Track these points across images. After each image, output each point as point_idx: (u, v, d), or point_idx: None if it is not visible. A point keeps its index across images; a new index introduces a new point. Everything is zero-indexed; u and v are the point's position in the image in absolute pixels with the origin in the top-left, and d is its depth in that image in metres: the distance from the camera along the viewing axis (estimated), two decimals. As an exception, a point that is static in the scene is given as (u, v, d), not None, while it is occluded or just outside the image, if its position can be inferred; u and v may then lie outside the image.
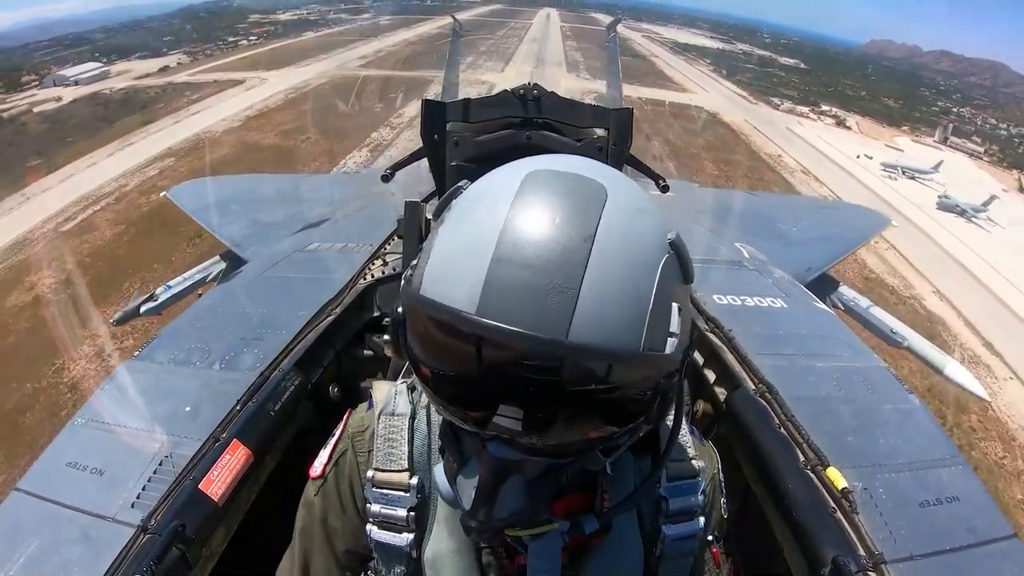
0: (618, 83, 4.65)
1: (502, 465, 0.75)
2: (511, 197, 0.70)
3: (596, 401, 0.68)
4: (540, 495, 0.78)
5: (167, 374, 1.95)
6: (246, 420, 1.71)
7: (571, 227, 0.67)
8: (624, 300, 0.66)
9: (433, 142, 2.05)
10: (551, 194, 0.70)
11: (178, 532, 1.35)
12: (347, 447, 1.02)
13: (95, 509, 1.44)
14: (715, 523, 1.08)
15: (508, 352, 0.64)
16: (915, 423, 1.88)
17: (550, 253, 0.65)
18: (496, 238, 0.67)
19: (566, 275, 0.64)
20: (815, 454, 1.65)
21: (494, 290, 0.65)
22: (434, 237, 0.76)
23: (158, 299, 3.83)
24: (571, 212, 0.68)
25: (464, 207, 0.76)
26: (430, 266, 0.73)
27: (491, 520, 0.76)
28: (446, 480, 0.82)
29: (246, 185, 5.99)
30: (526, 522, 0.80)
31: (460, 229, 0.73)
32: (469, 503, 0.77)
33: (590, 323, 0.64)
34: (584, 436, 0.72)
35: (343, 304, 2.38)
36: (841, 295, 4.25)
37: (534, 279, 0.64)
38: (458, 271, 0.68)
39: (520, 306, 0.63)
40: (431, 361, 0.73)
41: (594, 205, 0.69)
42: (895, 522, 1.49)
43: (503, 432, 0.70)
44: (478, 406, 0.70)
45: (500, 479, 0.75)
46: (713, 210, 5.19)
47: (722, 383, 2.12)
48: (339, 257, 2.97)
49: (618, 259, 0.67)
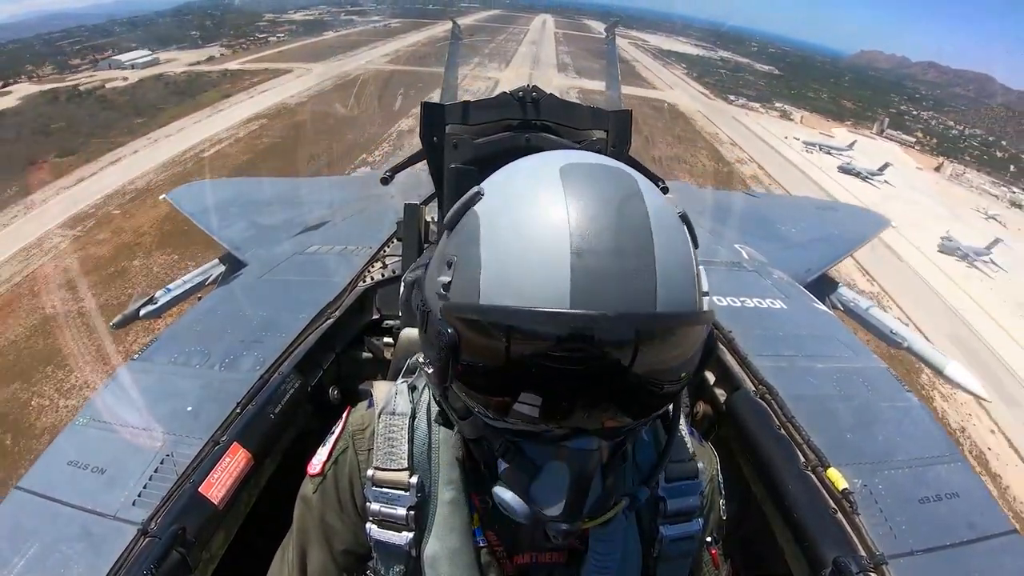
0: (617, 85, 4.65)
1: (590, 458, 0.75)
2: (560, 191, 0.72)
3: (669, 368, 0.74)
4: (613, 479, 0.80)
5: (167, 375, 1.95)
6: (246, 423, 1.71)
7: (630, 212, 0.71)
8: (683, 268, 0.73)
9: (432, 144, 2.05)
10: (598, 184, 0.73)
11: (178, 535, 1.34)
12: (347, 445, 1.01)
13: (96, 507, 1.45)
14: (714, 524, 1.08)
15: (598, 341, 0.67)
16: (914, 421, 1.89)
17: (623, 238, 0.69)
18: (567, 232, 0.68)
19: (642, 257, 0.69)
20: (815, 455, 1.65)
21: (583, 283, 0.66)
22: (474, 244, 0.73)
23: (158, 302, 3.85)
24: (623, 198, 0.72)
25: (504, 209, 0.74)
26: (488, 273, 0.71)
27: (580, 518, 0.76)
28: (515, 496, 0.78)
29: (245, 188, 6.00)
30: (603, 510, 0.80)
31: (515, 232, 0.71)
32: (559, 510, 0.75)
33: (668, 295, 0.69)
34: (661, 390, 0.76)
35: (343, 307, 2.38)
36: (840, 296, 4.27)
37: (617, 266, 0.67)
38: (533, 273, 0.68)
39: (610, 292, 0.66)
40: (501, 371, 0.71)
41: (636, 191, 0.73)
42: (895, 518, 1.50)
43: (582, 423, 0.72)
44: (559, 404, 0.71)
45: (591, 473, 0.75)
46: (712, 211, 5.21)
47: (722, 384, 2.12)
48: (338, 260, 2.98)
49: (668, 234, 0.72)
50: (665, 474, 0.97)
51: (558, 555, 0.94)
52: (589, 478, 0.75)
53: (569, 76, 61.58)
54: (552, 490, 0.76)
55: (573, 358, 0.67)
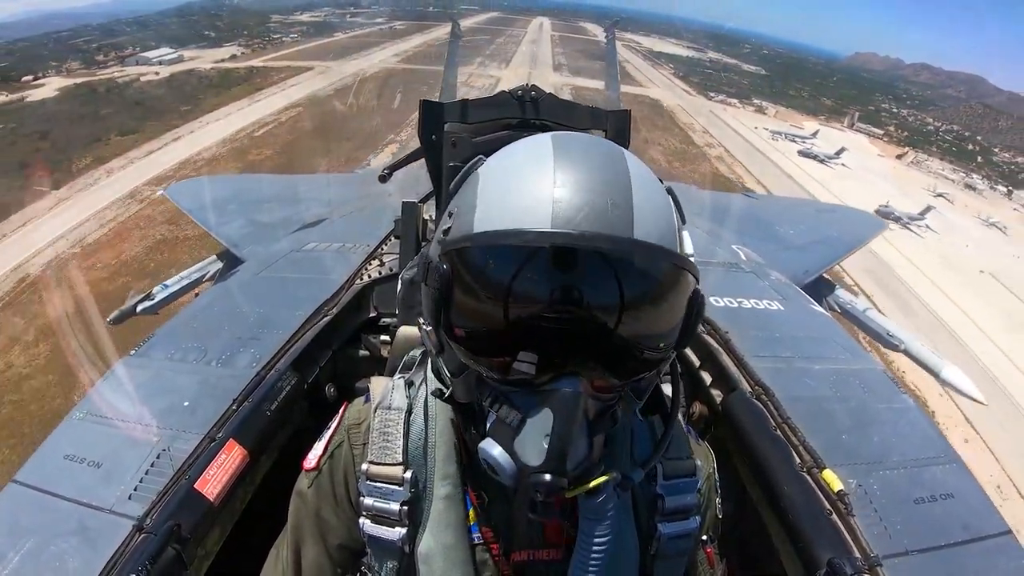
0: (616, 85, 4.65)
1: (575, 401, 0.74)
2: (550, 148, 0.80)
3: (651, 313, 0.77)
4: (598, 440, 0.80)
5: (164, 371, 1.95)
6: (242, 420, 1.71)
7: (611, 164, 0.78)
8: (661, 215, 0.78)
9: (431, 142, 2.05)
10: (584, 145, 0.81)
11: (173, 531, 1.34)
12: (343, 439, 1.02)
13: (92, 501, 1.45)
14: (710, 522, 1.08)
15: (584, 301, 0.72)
16: (909, 422, 1.90)
17: (602, 180, 0.76)
18: (551, 173, 0.75)
19: (620, 194, 0.75)
20: (811, 456, 1.66)
21: (564, 213, 0.72)
22: (472, 194, 0.81)
23: (155, 298, 3.84)
24: (606, 155, 0.80)
25: (500, 165, 0.83)
26: (480, 213, 0.77)
27: (564, 470, 0.74)
28: (502, 450, 0.78)
29: (243, 184, 5.99)
30: (588, 472, 0.79)
31: (508, 178, 0.80)
32: (541, 457, 0.74)
33: (645, 228, 0.74)
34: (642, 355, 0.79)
35: (340, 304, 2.38)
36: (838, 298, 4.28)
37: (595, 198, 0.73)
38: (520, 205, 0.75)
39: (589, 219, 0.72)
40: (492, 301, 0.75)
41: (620, 153, 0.81)
42: (890, 518, 1.51)
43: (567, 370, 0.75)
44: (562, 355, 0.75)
45: (575, 417, 0.74)
46: (710, 212, 5.21)
47: (718, 385, 2.12)
48: (336, 257, 2.97)
49: (648, 188, 0.78)
50: (663, 471, 0.97)
51: (555, 552, 0.94)
52: (571, 423, 0.74)
53: (564, 75, 68.20)
54: (535, 438, 0.76)
55: (563, 319, 0.73)
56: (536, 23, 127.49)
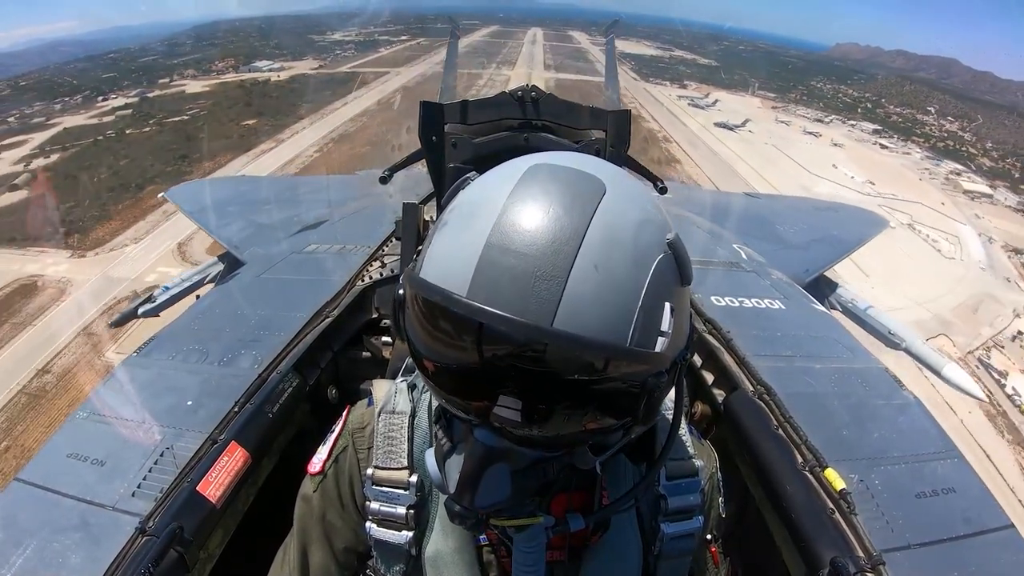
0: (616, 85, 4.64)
1: (487, 452, 0.75)
2: (510, 187, 0.72)
3: (583, 393, 0.69)
4: (525, 486, 0.78)
5: (165, 372, 1.95)
6: (244, 422, 1.71)
7: (564, 218, 0.68)
8: (612, 293, 0.67)
9: (431, 144, 2.05)
10: (548, 186, 0.71)
11: (176, 534, 1.34)
12: (347, 444, 1.01)
13: (96, 498, 1.46)
14: (713, 522, 1.08)
15: (497, 338, 0.65)
16: (911, 418, 1.90)
17: (541, 241, 0.66)
18: (491, 225, 0.68)
19: (555, 264, 0.65)
20: (813, 455, 1.65)
21: (485, 274, 0.66)
22: (439, 225, 0.78)
23: (156, 301, 3.83)
24: (566, 204, 0.69)
25: (467, 197, 0.78)
26: (431, 250, 0.75)
27: (473, 506, 0.76)
28: (435, 463, 0.83)
29: (244, 187, 5.99)
30: (509, 512, 0.80)
31: (460, 217, 0.75)
32: (452, 488, 0.78)
33: (576, 313, 0.64)
34: (575, 429, 0.73)
35: (341, 306, 2.38)
36: (839, 296, 4.27)
37: (523, 265, 0.65)
38: (454, 256, 0.70)
39: (509, 291, 0.65)
40: (427, 344, 0.74)
41: (590, 199, 0.70)
42: (892, 512, 1.51)
43: (504, 423, 0.71)
44: (477, 395, 0.71)
45: (484, 465, 0.75)
46: (711, 211, 5.20)
47: (720, 385, 2.12)
48: (337, 259, 2.97)
49: (609, 253, 0.67)
50: (666, 471, 0.97)
51: (559, 553, 0.94)
52: (480, 469, 0.75)
53: (550, 72, 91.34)
54: (454, 468, 0.79)
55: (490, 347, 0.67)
56: (531, 33, 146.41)
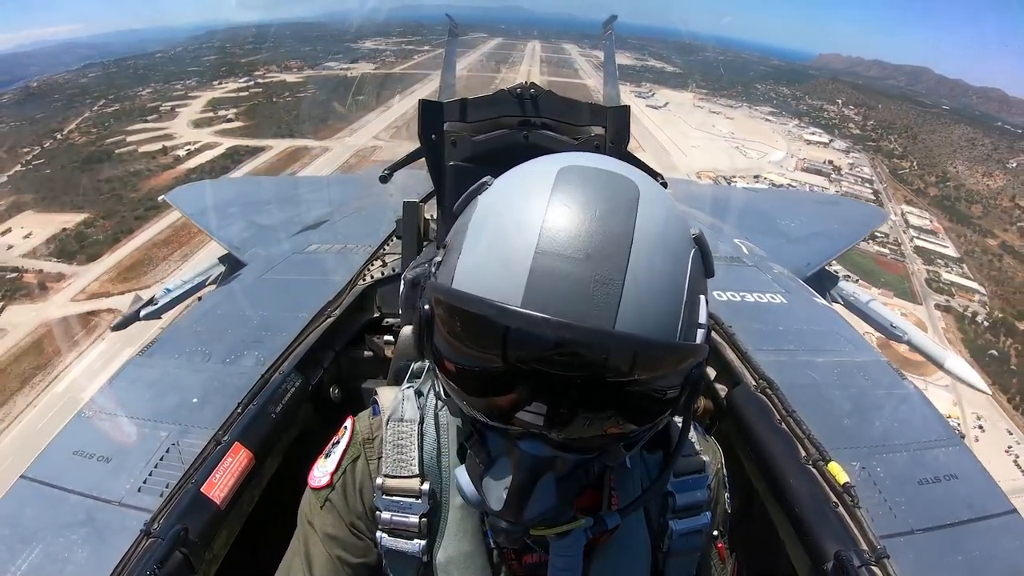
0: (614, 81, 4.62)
1: (536, 463, 0.73)
2: (548, 191, 0.70)
3: (633, 393, 0.69)
4: (568, 493, 0.77)
5: (169, 373, 1.96)
6: (247, 422, 1.71)
7: (612, 221, 0.67)
8: (663, 291, 0.68)
9: (431, 142, 2.04)
10: (588, 189, 0.70)
11: (181, 536, 1.34)
12: (359, 454, 1.00)
13: (102, 494, 1.47)
14: (719, 518, 1.08)
15: (549, 344, 0.63)
16: (912, 408, 1.91)
17: (594, 245, 0.65)
18: (538, 231, 0.67)
19: (611, 267, 0.64)
20: (816, 449, 1.65)
21: (539, 282, 0.64)
22: (464, 232, 0.75)
23: (158, 303, 3.82)
24: (610, 206, 0.68)
25: (496, 202, 0.75)
26: (463, 261, 0.72)
27: (522, 520, 0.75)
28: (470, 482, 0.80)
29: (244, 188, 5.99)
30: (553, 520, 0.79)
31: (496, 224, 0.72)
32: (499, 504, 0.75)
33: (634, 313, 0.64)
34: (613, 430, 0.72)
35: (343, 305, 2.38)
36: (841, 290, 4.25)
37: (579, 271, 0.64)
38: (497, 265, 0.68)
39: (567, 297, 0.63)
40: (464, 358, 0.72)
41: (630, 201, 0.70)
42: (895, 499, 1.51)
43: (531, 427, 0.69)
44: (509, 402, 0.69)
45: (535, 477, 0.74)
46: (712, 206, 5.20)
47: (723, 380, 2.12)
48: (338, 258, 2.97)
49: (656, 252, 0.68)
50: (673, 469, 0.97)
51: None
52: (531, 482, 0.74)
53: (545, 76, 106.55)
54: (497, 485, 0.76)
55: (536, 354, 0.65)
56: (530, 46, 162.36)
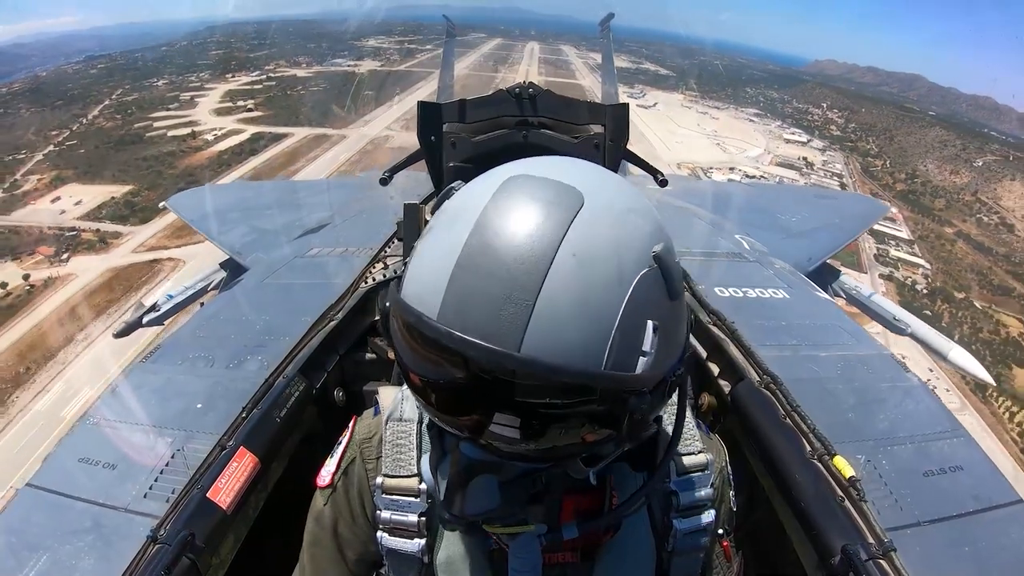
0: (613, 79, 4.62)
1: (470, 464, 0.78)
2: (484, 203, 0.69)
3: (559, 414, 0.67)
4: (514, 496, 0.80)
5: (173, 379, 1.96)
6: (252, 427, 1.71)
7: (535, 237, 0.64)
8: (585, 315, 0.63)
9: (430, 143, 2.04)
10: (521, 201, 0.68)
11: (187, 541, 1.34)
12: (355, 455, 1.01)
13: (108, 500, 1.47)
14: (724, 516, 1.08)
15: (467, 361, 0.65)
16: (916, 401, 1.90)
17: (509, 262, 0.63)
18: (462, 244, 0.66)
19: (522, 286, 0.62)
20: (821, 444, 1.65)
21: (454, 296, 0.65)
22: (422, 237, 0.77)
23: (160, 310, 3.83)
24: (537, 221, 0.66)
25: (447, 210, 0.75)
26: (412, 268, 0.74)
27: (463, 514, 0.79)
28: (430, 471, 0.87)
29: (244, 192, 5.99)
30: (499, 520, 0.82)
31: (438, 232, 0.73)
32: (441, 496, 0.82)
33: (545, 337, 0.62)
34: (559, 444, 0.72)
35: (345, 308, 2.38)
36: (843, 284, 4.25)
37: (491, 288, 0.63)
38: (429, 275, 0.68)
39: (477, 314, 0.63)
40: (408, 357, 0.74)
41: (565, 213, 0.66)
42: (901, 491, 1.51)
43: (496, 440, 0.70)
44: (454, 411, 0.72)
45: (467, 477, 0.78)
46: (713, 202, 5.19)
47: (726, 376, 2.11)
48: (339, 262, 2.97)
49: (583, 272, 0.64)
50: (676, 467, 0.97)
51: (571, 555, 0.94)
52: (463, 482, 0.78)
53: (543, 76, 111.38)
54: (442, 477, 0.83)
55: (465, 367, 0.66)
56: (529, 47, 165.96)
